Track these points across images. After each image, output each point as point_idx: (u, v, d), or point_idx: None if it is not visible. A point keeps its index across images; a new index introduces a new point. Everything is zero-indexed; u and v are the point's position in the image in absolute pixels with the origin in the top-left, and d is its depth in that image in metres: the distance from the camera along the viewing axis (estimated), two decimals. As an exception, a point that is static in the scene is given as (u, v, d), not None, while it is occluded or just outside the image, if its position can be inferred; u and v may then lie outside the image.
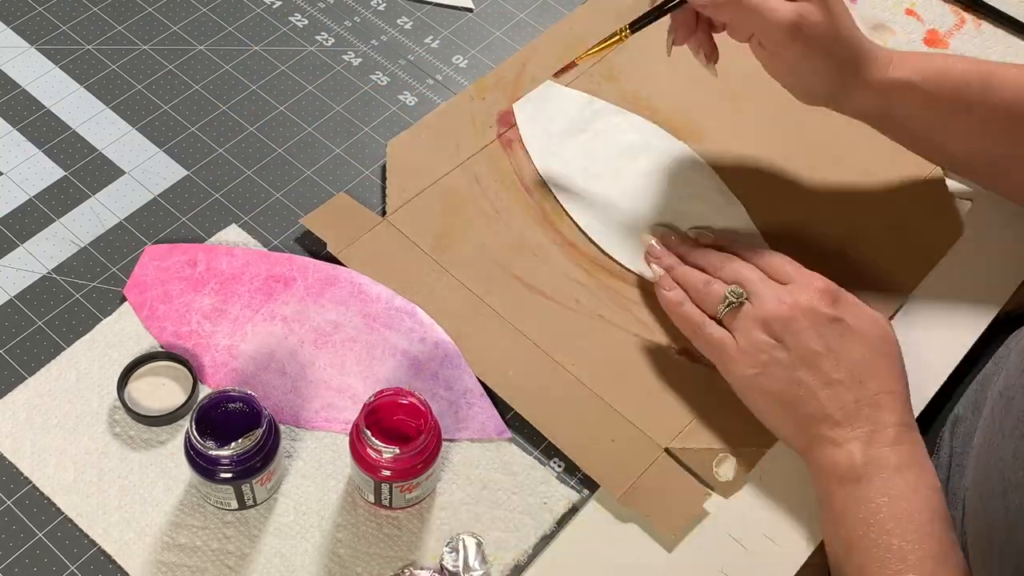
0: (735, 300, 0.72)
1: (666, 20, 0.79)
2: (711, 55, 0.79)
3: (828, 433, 0.68)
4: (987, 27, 1.00)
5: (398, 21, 0.97)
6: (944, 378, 0.79)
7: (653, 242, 0.80)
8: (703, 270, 0.76)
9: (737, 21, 0.73)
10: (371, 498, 0.69)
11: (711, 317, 0.74)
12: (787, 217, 0.85)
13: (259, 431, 0.66)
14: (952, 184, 0.88)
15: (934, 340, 0.80)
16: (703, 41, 0.79)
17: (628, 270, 0.82)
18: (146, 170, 0.85)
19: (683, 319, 0.75)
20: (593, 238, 0.83)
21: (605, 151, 0.88)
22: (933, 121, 0.78)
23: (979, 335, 0.81)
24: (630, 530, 0.71)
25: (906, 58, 0.77)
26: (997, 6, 1.00)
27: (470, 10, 0.98)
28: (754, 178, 0.87)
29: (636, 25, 0.79)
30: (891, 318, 0.81)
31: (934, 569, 0.63)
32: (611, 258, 0.82)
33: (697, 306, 0.75)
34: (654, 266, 0.79)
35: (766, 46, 0.73)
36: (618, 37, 0.79)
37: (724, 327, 0.73)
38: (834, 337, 0.70)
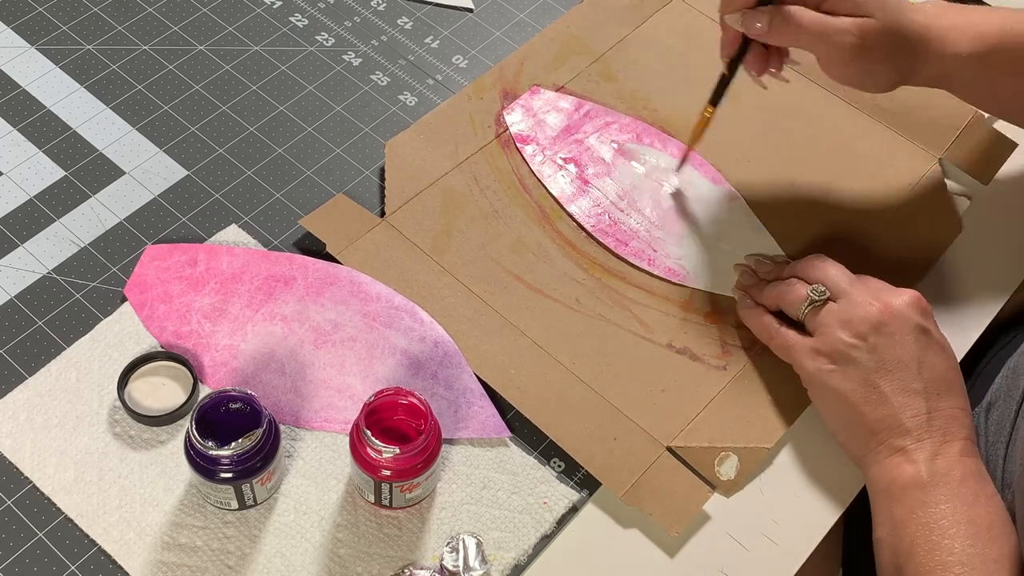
0: (818, 299, 0.72)
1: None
2: (779, 62, 0.80)
3: (896, 441, 0.68)
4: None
5: (398, 21, 0.97)
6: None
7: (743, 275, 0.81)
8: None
9: (801, 45, 0.75)
10: (371, 498, 0.69)
11: (794, 321, 0.74)
12: (785, 216, 0.85)
13: (259, 431, 0.66)
14: (951, 183, 0.88)
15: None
16: (772, 63, 0.79)
17: (632, 266, 0.82)
18: (146, 170, 0.85)
19: (760, 327, 0.76)
20: (595, 236, 0.83)
21: (598, 151, 0.88)
22: (991, 84, 0.79)
23: (982, 331, 0.81)
24: (630, 530, 0.71)
25: (963, 30, 0.77)
26: (996, 6, 1.00)
27: (470, 10, 0.98)
28: (752, 177, 0.87)
29: (716, 98, 0.81)
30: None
31: (995, 571, 0.63)
32: (615, 255, 0.82)
33: (779, 309, 0.75)
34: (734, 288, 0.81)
35: (830, 62, 0.75)
36: (708, 116, 0.82)
37: (805, 328, 0.73)
38: (921, 347, 0.70)
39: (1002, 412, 0.75)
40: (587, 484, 0.73)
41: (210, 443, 0.65)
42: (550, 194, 0.85)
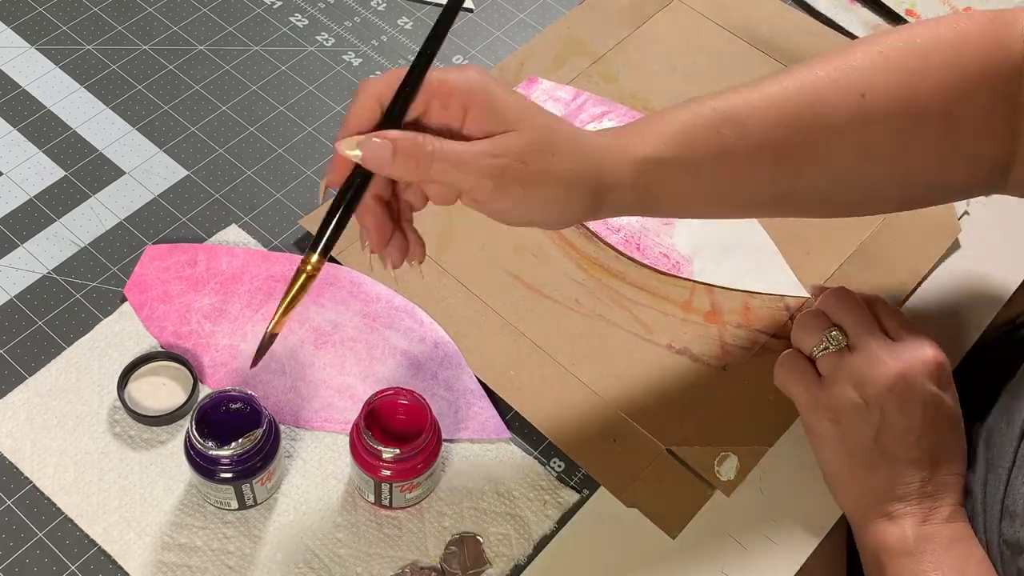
0: (832, 345, 0.69)
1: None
2: (415, 251, 0.62)
3: (885, 506, 0.67)
4: (987, 27, 1.00)
5: (398, 21, 0.97)
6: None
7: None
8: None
9: (435, 179, 0.57)
10: (371, 498, 0.69)
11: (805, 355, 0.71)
12: (781, 218, 0.85)
13: (259, 431, 0.66)
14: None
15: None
16: (400, 239, 0.61)
17: (622, 254, 0.82)
18: (146, 170, 0.85)
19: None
20: (592, 230, 0.83)
21: None
22: (696, 185, 0.65)
23: (980, 334, 0.81)
24: (630, 530, 0.71)
25: (644, 132, 0.63)
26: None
27: (470, 10, 0.98)
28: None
29: (325, 249, 0.58)
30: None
31: None
32: (604, 243, 0.82)
33: (794, 335, 0.72)
34: None
35: (477, 198, 0.59)
36: (308, 272, 0.58)
37: (815, 366, 0.70)
38: (928, 417, 0.67)
39: (1004, 435, 0.73)
40: (587, 484, 0.73)
41: (210, 443, 0.65)
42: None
